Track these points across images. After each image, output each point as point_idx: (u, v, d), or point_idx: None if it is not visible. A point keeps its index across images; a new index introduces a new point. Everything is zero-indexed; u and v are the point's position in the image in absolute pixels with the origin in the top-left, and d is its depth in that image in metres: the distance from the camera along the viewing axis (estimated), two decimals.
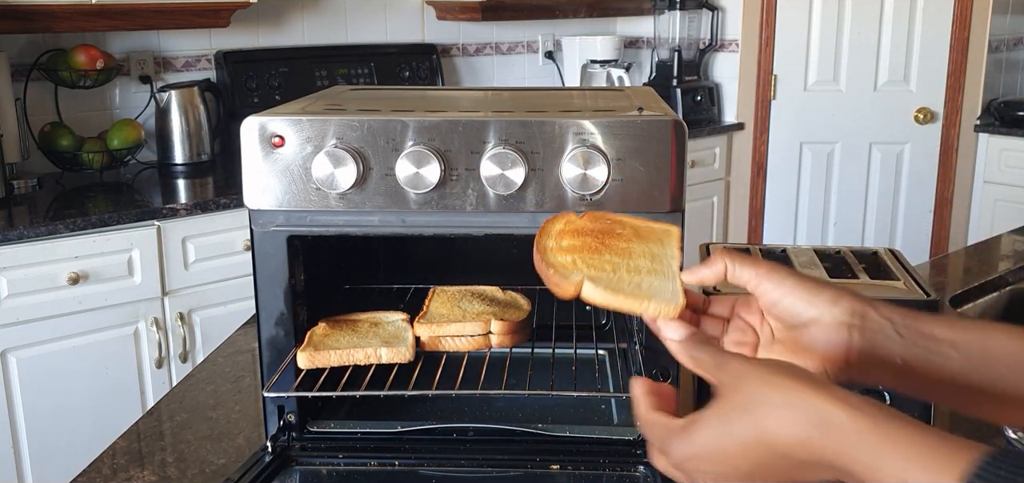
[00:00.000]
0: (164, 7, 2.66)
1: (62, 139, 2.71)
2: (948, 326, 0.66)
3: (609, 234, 0.77)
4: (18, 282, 2.21)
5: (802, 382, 0.57)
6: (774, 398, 0.57)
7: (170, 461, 1.09)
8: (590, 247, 0.76)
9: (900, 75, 3.74)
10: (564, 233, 0.79)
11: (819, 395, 0.56)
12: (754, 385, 0.58)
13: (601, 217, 0.80)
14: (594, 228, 0.78)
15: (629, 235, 0.78)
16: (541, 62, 3.91)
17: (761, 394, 0.58)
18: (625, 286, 0.72)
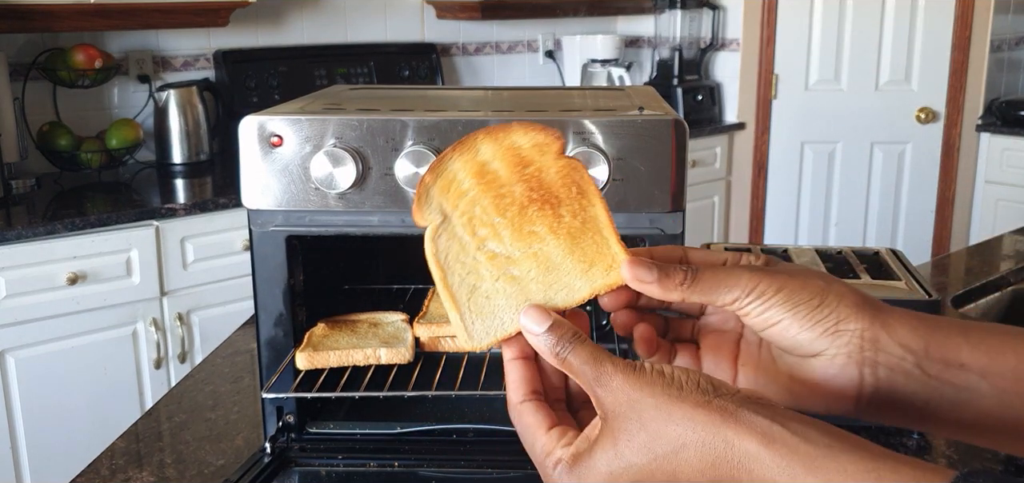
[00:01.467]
0: (163, 6, 2.66)
1: (60, 139, 2.71)
2: (977, 348, 0.53)
3: (549, 204, 0.58)
4: (16, 282, 2.20)
5: (711, 411, 0.47)
6: (677, 436, 0.47)
7: (169, 462, 1.08)
8: (508, 200, 0.58)
9: (902, 74, 3.73)
10: (504, 162, 0.59)
11: (738, 429, 0.46)
12: (649, 415, 0.48)
13: (576, 184, 0.59)
14: (536, 191, 0.58)
15: (566, 228, 0.58)
16: (541, 61, 3.91)
17: (661, 431, 0.48)
18: (477, 269, 0.57)
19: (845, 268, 1.20)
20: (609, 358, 0.51)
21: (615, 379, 0.50)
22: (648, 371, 0.50)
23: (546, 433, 0.53)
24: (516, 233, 0.57)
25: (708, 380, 0.49)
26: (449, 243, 0.57)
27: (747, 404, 0.47)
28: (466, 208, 0.57)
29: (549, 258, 0.57)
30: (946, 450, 1.08)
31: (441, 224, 0.58)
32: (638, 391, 0.49)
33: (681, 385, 0.48)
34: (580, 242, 0.57)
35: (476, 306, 0.57)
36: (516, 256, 0.57)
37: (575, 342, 0.52)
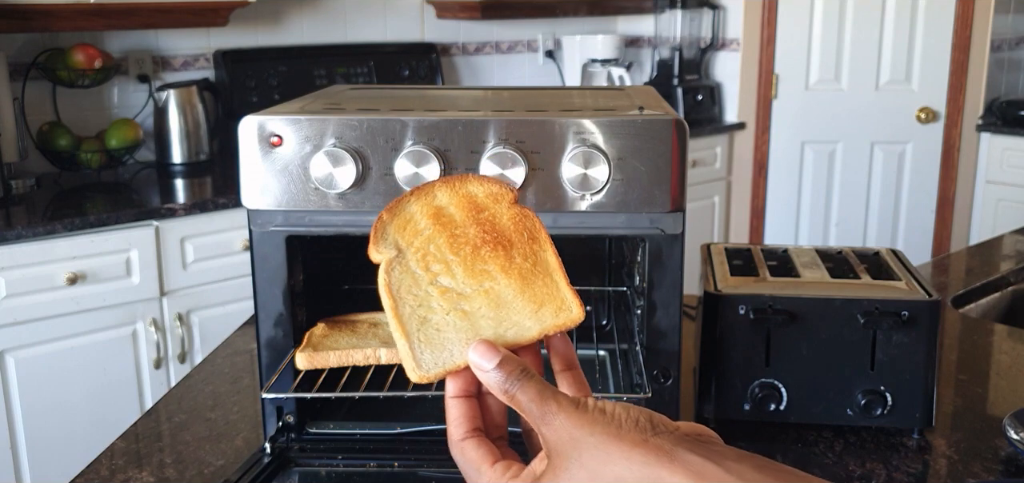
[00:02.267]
0: (162, 6, 2.66)
1: (60, 139, 2.70)
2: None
3: (501, 246, 0.60)
4: (16, 282, 2.20)
5: (648, 450, 0.48)
6: (615, 475, 0.48)
7: (168, 462, 1.08)
8: (462, 241, 0.60)
9: (902, 74, 3.73)
10: (460, 207, 0.61)
11: (673, 468, 0.47)
12: (590, 455, 0.49)
13: (528, 230, 0.61)
14: (489, 234, 0.60)
15: (517, 270, 0.60)
16: (541, 61, 3.91)
17: (599, 470, 0.49)
18: (426, 304, 0.58)
19: (845, 268, 1.20)
20: (554, 396, 0.51)
21: (559, 417, 0.50)
22: (590, 409, 0.50)
23: (491, 467, 0.53)
24: (468, 271, 0.59)
25: (648, 418, 0.50)
26: (402, 276, 0.59)
27: (683, 442, 0.48)
28: (421, 245, 0.59)
29: (500, 296, 0.58)
30: (946, 450, 1.08)
31: (396, 258, 0.59)
32: (579, 429, 0.49)
33: (620, 423, 0.49)
34: (531, 283, 0.59)
35: (426, 337, 0.57)
36: (468, 292, 0.58)
37: (523, 378, 0.52)
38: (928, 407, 1.08)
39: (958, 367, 1.33)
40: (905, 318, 1.05)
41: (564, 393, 0.52)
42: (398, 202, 0.60)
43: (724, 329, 1.09)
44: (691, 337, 1.25)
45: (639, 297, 1.08)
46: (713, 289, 1.09)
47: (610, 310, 1.35)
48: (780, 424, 1.12)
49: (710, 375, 1.11)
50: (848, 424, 1.11)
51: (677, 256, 0.96)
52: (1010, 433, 1.06)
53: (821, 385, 1.09)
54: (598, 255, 1.34)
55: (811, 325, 1.07)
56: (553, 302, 0.58)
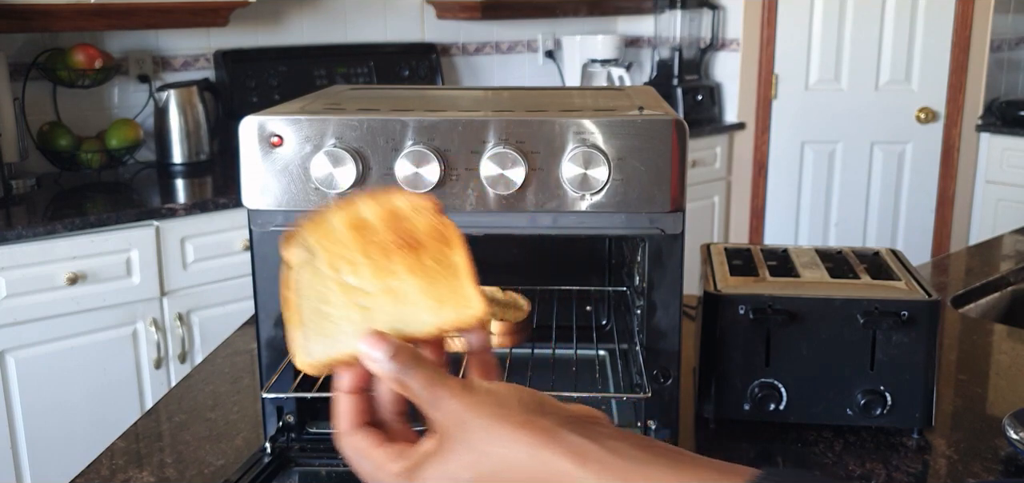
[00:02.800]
0: (163, 6, 2.66)
1: (60, 139, 2.70)
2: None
3: (412, 249, 0.60)
4: (16, 282, 2.20)
5: (532, 432, 0.50)
6: (500, 456, 0.50)
7: (169, 462, 1.08)
8: (375, 245, 0.60)
9: (902, 74, 3.73)
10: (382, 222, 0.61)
11: (555, 448, 0.49)
12: (477, 436, 0.50)
13: (442, 235, 0.61)
14: (403, 238, 0.60)
15: (426, 264, 0.60)
16: (541, 61, 3.91)
17: (486, 451, 0.50)
18: (328, 298, 0.59)
19: (845, 268, 1.20)
20: (444, 381, 0.52)
21: (447, 400, 0.51)
22: (479, 391, 0.52)
23: (379, 448, 0.54)
24: (375, 270, 0.59)
25: (535, 399, 0.52)
26: (309, 274, 0.59)
27: (568, 423, 0.50)
28: (333, 247, 0.60)
29: (402, 293, 0.59)
30: (946, 450, 1.08)
31: (306, 259, 0.60)
32: (467, 412, 0.51)
33: (507, 404, 0.51)
34: (436, 283, 0.59)
35: (319, 326, 0.58)
36: (370, 290, 0.59)
37: (413, 365, 0.53)
38: (928, 407, 1.08)
39: (958, 367, 1.34)
40: (905, 318, 1.05)
41: (454, 377, 0.53)
42: (321, 212, 0.61)
43: (724, 329, 1.09)
44: (691, 337, 1.25)
45: (639, 297, 1.08)
46: (713, 289, 1.10)
47: (610, 310, 1.35)
48: (780, 424, 1.12)
49: (710, 375, 1.11)
50: (848, 424, 1.11)
51: (677, 256, 0.97)
52: (1010, 433, 1.06)
53: (821, 385, 1.09)
54: (598, 255, 1.34)
55: (811, 325, 1.07)
56: (456, 301, 0.58)
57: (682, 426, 1.10)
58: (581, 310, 1.33)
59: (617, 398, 1.15)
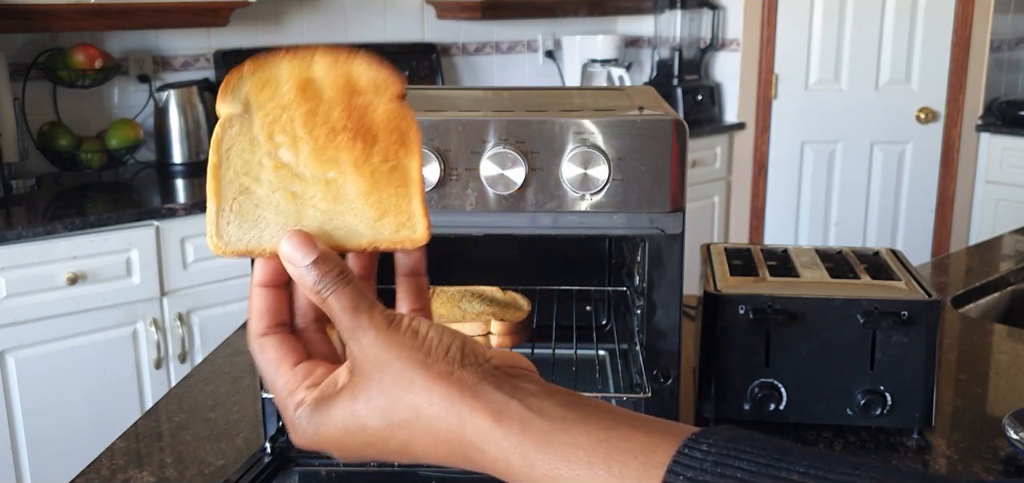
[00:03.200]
0: (163, 6, 2.66)
1: (60, 139, 2.70)
2: None
3: (362, 139, 0.52)
4: (16, 282, 2.20)
5: (450, 384, 0.46)
6: (413, 405, 0.46)
7: (169, 462, 1.08)
8: (320, 120, 0.52)
9: (902, 74, 3.73)
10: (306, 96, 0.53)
11: (474, 404, 0.45)
12: (392, 380, 0.46)
13: (399, 130, 0.53)
14: (354, 121, 0.53)
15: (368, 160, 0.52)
16: (541, 61, 3.91)
17: (399, 398, 0.46)
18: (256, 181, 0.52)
19: (845, 268, 1.20)
20: (368, 309, 0.48)
21: (368, 334, 0.47)
22: (403, 330, 0.47)
23: (291, 370, 0.50)
24: (316, 154, 0.52)
25: (461, 346, 0.48)
26: (239, 136, 0.52)
27: (490, 377, 0.47)
28: (273, 110, 0.52)
29: (341, 191, 0.52)
30: (946, 450, 1.08)
31: (239, 115, 0.52)
32: (386, 351, 0.47)
33: (430, 350, 0.47)
34: (381, 187, 0.52)
35: (239, 208, 0.51)
36: (306, 176, 0.52)
37: (339, 282, 0.48)
38: (928, 407, 1.08)
39: (958, 367, 1.34)
40: (905, 318, 1.05)
41: (380, 307, 0.48)
42: (267, 59, 0.53)
43: (724, 329, 1.09)
44: (691, 337, 1.25)
45: (639, 297, 1.08)
46: (713, 289, 1.10)
47: (610, 310, 1.35)
48: (780, 424, 1.12)
49: (710, 375, 1.11)
50: (848, 424, 1.11)
51: (677, 256, 0.97)
52: (1010, 433, 1.06)
53: (821, 385, 1.09)
54: (598, 255, 1.34)
55: (811, 325, 1.07)
56: (398, 215, 0.52)
57: None
58: (581, 310, 1.33)
59: (617, 398, 1.15)
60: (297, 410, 0.49)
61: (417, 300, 0.54)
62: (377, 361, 0.47)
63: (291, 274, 0.49)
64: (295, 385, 0.49)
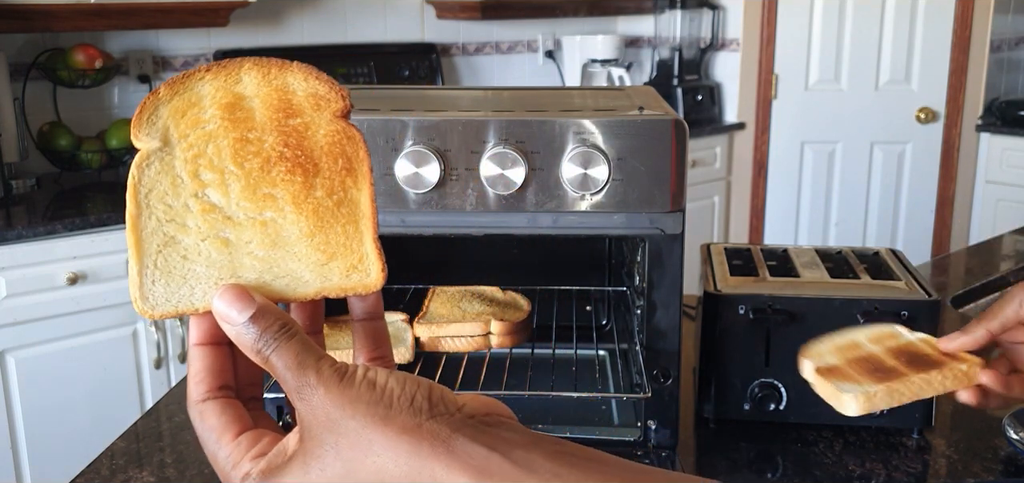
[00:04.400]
0: (163, 6, 2.66)
1: (60, 139, 2.70)
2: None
3: (302, 169, 0.46)
4: (16, 282, 2.20)
5: (419, 439, 0.40)
6: (376, 469, 0.40)
7: (169, 462, 1.08)
8: (253, 149, 0.46)
9: (902, 74, 3.73)
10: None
11: (450, 462, 0.39)
12: (348, 441, 0.40)
13: (345, 156, 0.47)
14: (291, 149, 0.46)
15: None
16: (541, 61, 3.91)
17: (358, 461, 0.40)
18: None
19: (845, 268, 1.20)
20: (316, 363, 0.42)
21: (317, 392, 0.41)
22: (357, 383, 0.41)
23: (233, 441, 0.44)
24: (249, 191, 0.46)
25: (428, 395, 0.41)
26: (159, 176, 0.45)
27: (465, 428, 0.40)
28: (197, 142, 0.45)
29: (280, 233, 0.46)
30: (946, 450, 1.08)
31: (158, 151, 0.45)
32: (339, 409, 0.41)
33: (391, 403, 0.41)
34: (327, 226, 0.46)
35: (165, 263, 0.45)
36: (239, 218, 0.46)
37: (281, 338, 0.42)
38: (928, 407, 1.08)
39: None
40: (905, 318, 1.05)
41: (330, 360, 0.42)
42: (187, 76, 0.46)
43: (724, 329, 1.09)
44: (691, 337, 1.25)
45: (639, 297, 1.08)
46: (713, 289, 1.10)
47: (610, 310, 1.35)
48: (780, 424, 1.12)
49: (710, 375, 1.11)
50: (848, 424, 1.11)
51: (677, 256, 0.97)
52: (1009, 433, 1.06)
53: None
54: (598, 255, 1.34)
55: (811, 325, 1.07)
56: (348, 256, 0.46)
57: (682, 426, 1.10)
58: (581, 310, 1.33)
59: (617, 398, 1.15)
60: (233, 471, 0.43)
61: (375, 347, 0.49)
62: (329, 421, 0.41)
63: (228, 334, 0.44)
64: (239, 456, 0.43)
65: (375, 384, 0.41)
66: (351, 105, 0.47)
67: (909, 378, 0.80)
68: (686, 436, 1.12)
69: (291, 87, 0.46)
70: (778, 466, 1.06)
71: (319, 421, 0.41)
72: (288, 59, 0.47)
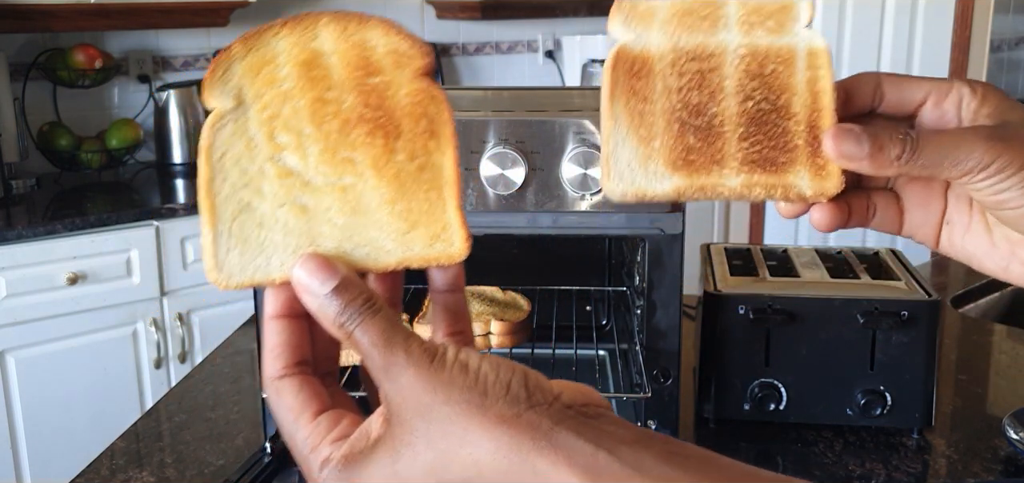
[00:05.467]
0: (163, 6, 2.66)
1: (60, 139, 2.70)
2: None
3: (383, 132, 0.44)
4: (16, 282, 2.20)
5: (518, 430, 0.36)
6: (472, 460, 0.37)
7: (169, 462, 1.08)
8: (331, 110, 0.44)
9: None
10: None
11: (555, 457, 0.36)
12: (441, 429, 0.37)
13: (427, 117, 0.44)
14: (372, 110, 0.44)
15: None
16: (541, 61, 3.91)
17: (452, 452, 0.37)
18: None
19: (845, 268, 1.20)
20: (404, 342, 0.39)
21: (406, 373, 0.38)
22: (449, 365, 0.38)
23: (312, 422, 0.41)
24: (328, 154, 0.43)
25: (524, 381, 0.38)
26: (233, 139, 0.43)
27: (566, 420, 0.37)
28: (272, 102, 0.43)
29: (361, 200, 0.43)
30: (946, 450, 1.08)
31: (231, 111, 0.43)
32: (431, 394, 0.38)
33: (486, 390, 0.37)
34: (409, 193, 0.44)
35: (240, 231, 0.43)
36: (317, 183, 0.43)
37: (366, 313, 0.40)
38: (928, 407, 1.08)
39: (958, 367, 1.34)
40: (905, 318, 1.05)
41: (418, 339, 0.39)
42: (262, 31, 0.43)
43: (724, 329, 1.09)
44: (691, 337, 1.25)
45: (639, 297, 1.08)
46: (713, 289, 1.10)
47: (610, 310, 1.35)
48: (780, 424, 1.12)
49: (710, 375, 1.11)
50: (848, 424, 1.11)
51: (677, 256, 0.97)
52: (1010, 433, 1.06)
53: (821, 385, 1.09)
54: (598, 255, 1.34)
55: (811, 325, 1.07)
56: (431, 225, 0.44)
57: (682, 426, 1.10)
58: (581, 310, 1.33)
59: (617, 398, 1.15)
60: (322, 470, 0.40)
61: (455, 321, 0.46)
62: (420, 405, 0.38)
63: (308, 306, 0.41)
64: (318, 439, 0.41)
65: (468, 367, 0.38)
66: (434, 63, 0.45)
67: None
68: (686, 436, 1.12)
69: (370, 43, 0.44)
70: (778, 466, 1.06)
71: (409, 405, 0.38)
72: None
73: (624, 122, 0.47)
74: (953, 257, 0.51)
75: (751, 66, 0.48)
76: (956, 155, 0.44)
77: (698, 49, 0.47)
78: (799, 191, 0.47)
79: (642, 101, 0.47)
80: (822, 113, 0.47)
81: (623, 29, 0.48)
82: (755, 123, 0.48)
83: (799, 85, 0.48)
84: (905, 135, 0.45)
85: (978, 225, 0.50)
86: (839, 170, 0.47)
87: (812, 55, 0.48)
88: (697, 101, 0.48)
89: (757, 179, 0.48)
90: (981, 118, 0.47)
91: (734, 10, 0.48)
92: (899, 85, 0.49)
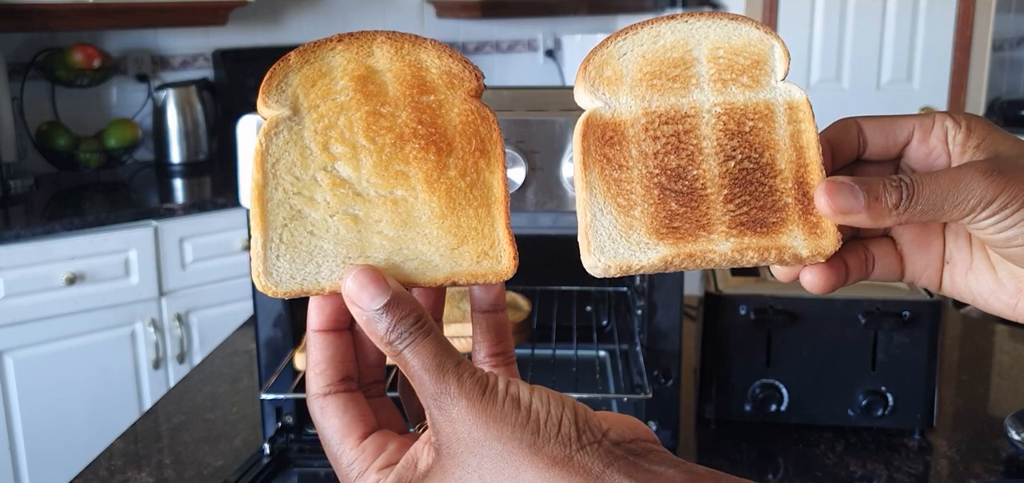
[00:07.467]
0: (161, 5, 2.65)
1: (59, 138, 2.70)
2: None
3: (435, 148, 0.45)
4: (14, 283, 2.20)
5: (570, 473, 0.37)
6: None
7: (167, 463, 1.08)
8: (385, 124, 0.45)
9: (903, 74, 3.73)
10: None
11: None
12: (493, 468, 0.37)
13: (478, 136, 0.46)
14: (425, 126, 0.45)
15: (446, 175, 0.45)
16: (541, 61, 3.90)
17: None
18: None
19: None
20: (456, 369, 0.38)
21: (458, 405, 0.38)
22: (500, 398, 0.38)
23: (358, 444, 0.41)
24: (380, 167, 0.44)
25: (574, 420, 0.38)
26: (288, 147, 0.44)
27: (616, 461, 0.37)
28: (328, 112, 0.44)
29: (411, 213, 0.44)
30: (948, 451, 1.08)
31: (286, 120, 0.44)
32: (483, 429, 0.37)
33: (537, 427, 0.37)
34: (459, 208, 0.44)
35: (291, 237, 0.43)
36: (370, 195, 0.44)
37: (417, 333, 0.39)
38: (929, 408, 1.08)
39: (959, 368, 1.33)
40: (906, 318, 1.04)
41: (470, 368, 0.39)
42: (318, 45, 0.45)
43: (725, 329, 1.08)
44: (692, 337, 1.25)
45: (639, 297, 1.07)
46: (714, 289, 1.09)
47: (610, 310, 1.34)
48: (781, 425, 1.12)
49: (711, 375, 1.10)
50: (849, 425, 1.10)
51: None
52: (1011, 434, 1.05)
53: (822, 385, 1.09)
54: None
55: (812, 325, 1.07)
56: (479, 242, 0.44)
57: (683, 427, 1.10)
58: (581, 310, 1.32)
59: (618, 398, 1.14)
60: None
61: (498, 341, 0.45)
62: (471, 440, 0.37)
63: (357, 318, 0.40)
64: (364, 465, 0.40)
65: (520, 403, 0.38)
66: (484, 86, 0.46)
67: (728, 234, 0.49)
68: (687, 437, 1.11)
69: (424, 63, 0.46)
70: (779, 467, 1.05)
71: (460, 438, 0.38)
72: None
73: (601, 191, 0.46)
74: (957, 298, 0.49)
75: (729, 125, 0.46)
76: (956, 196, 0.42)
77: (671, 111, 0.46)
78: (794, 252, 0.46)
79: (617, 168, 0.46)
80: (809, 168, 0.46)
81: (590, 97, 0.48)
82: (739, 183, 0.46)
83: (781, 141, 0.47)
84: (900, 181, 0.43)
85: (981, 263, 0.48)
86: (834, 226, 0.45)
87: (792, 108, 0.48)
88: (676, 165, 0.46)
89: (748, 242, 0.46)
90: (970, 150, 0.45)
91: (705, 69, 0.47)
92: (882, 127, 0.47)
